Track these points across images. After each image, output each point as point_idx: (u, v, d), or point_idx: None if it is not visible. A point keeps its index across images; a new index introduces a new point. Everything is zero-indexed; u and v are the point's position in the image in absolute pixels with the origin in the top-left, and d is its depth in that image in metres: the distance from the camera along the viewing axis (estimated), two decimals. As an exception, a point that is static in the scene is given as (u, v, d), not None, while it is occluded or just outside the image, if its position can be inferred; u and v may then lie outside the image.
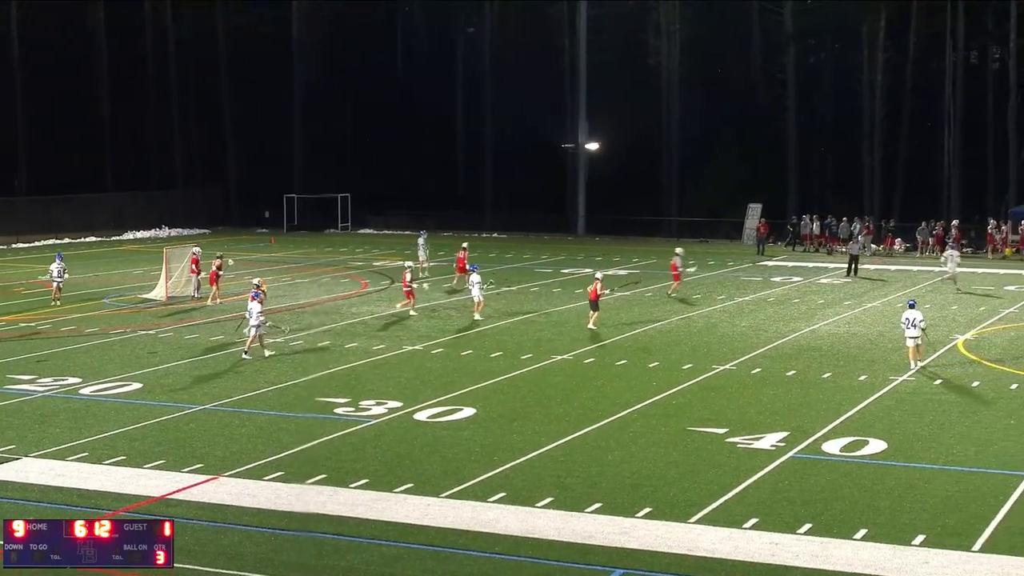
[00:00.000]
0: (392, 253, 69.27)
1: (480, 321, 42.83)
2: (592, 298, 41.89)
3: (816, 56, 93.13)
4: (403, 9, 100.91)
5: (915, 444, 25.99)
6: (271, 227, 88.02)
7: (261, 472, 23.89)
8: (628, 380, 33.07)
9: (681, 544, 19.77)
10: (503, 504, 21.86)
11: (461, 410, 29.35)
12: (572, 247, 74.77)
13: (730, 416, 28.60)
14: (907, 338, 34.72)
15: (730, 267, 61.97)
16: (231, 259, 46.09)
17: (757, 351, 37.34)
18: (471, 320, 43.08)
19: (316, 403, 30.18)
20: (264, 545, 19.89)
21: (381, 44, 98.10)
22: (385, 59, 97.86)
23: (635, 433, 27.09)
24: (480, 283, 44.06)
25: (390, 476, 23.57)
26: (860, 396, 30.78)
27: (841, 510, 21.41)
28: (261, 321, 36.50)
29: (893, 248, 70.83)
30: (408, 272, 45.27)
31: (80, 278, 55.77)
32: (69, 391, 31.77)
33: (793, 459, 24.81)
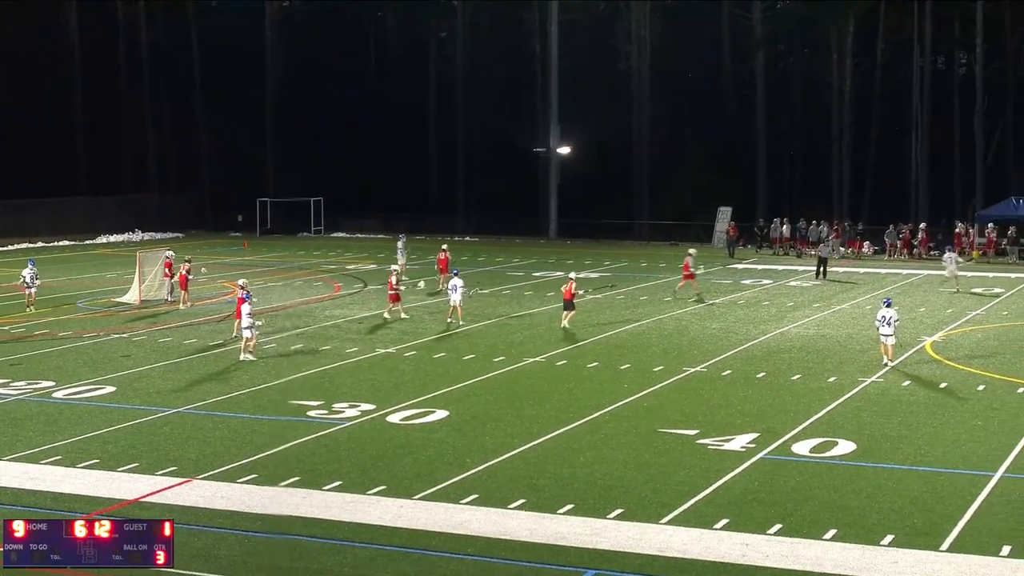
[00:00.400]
0: (365, 256, 69.17)
1: (453, 324, 42.73)
2: (567, 298, 42.10)
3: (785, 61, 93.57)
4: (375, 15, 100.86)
5: (884, 445, 26.07)
6: (244, 231, 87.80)
7: (235, 474, 23.81)
8: (600, 382, 33.09)
9: (652, 545, 19.79)
10: (476, 506, 21.85)
11: (434, 412, 29.33)
12: (544, 250, 74.80)
13: (701, 418, 28.65)
14: (881, 335, 35.27)
15: (700, 270, 62.04)
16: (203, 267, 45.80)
17: (728, 353, 37.42)
18: (445, 324, 43.00)
19: (289, 406, 30.11)
20: (238, 547, 19.83)
21: (353, 49, 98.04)
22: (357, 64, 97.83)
23: (607, 435, 27.11)
24: (463, 288, 43.80)
25: (363, 478, 23.53)
26: (829, 398, 30.87)
27: (811, 511, 21.47)
28: (252, 322, 36.57)
29: (861, 251, 71.09)
30: (393, 275, 45.20)
31: (53, 282, 55.52)
32: (42, 395, 31.62)
33: (763, 460, 24.87)
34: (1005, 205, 72.12)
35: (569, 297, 42.09)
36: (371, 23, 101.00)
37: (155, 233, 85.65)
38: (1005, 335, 41.27)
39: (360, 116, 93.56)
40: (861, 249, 71.26)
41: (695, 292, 50.19)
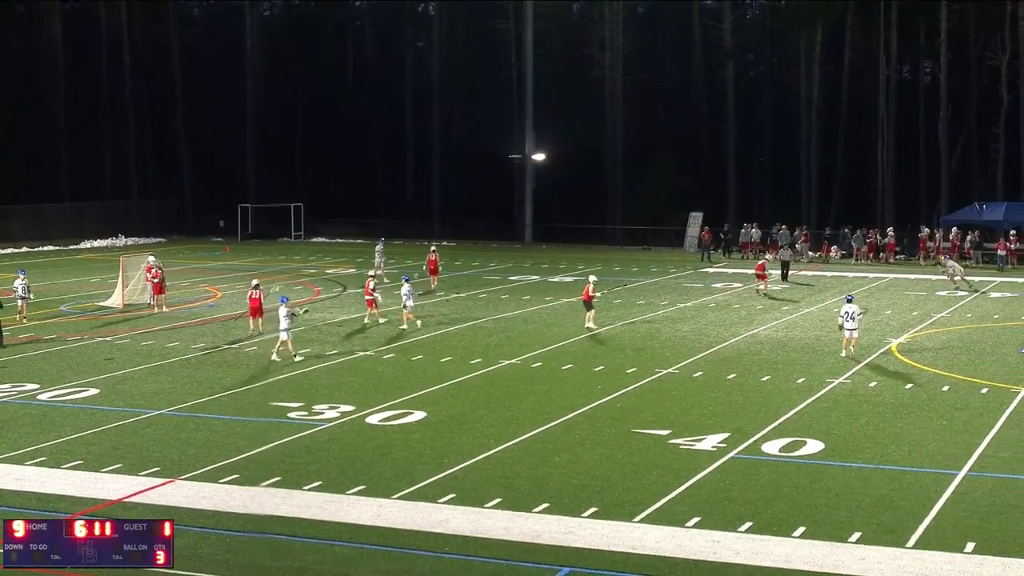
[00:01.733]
0: (344, 261, 69.10)
1: (408, 330, 42.44)
2: (585, 299, 42.59)
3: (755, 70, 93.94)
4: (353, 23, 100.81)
5: (851, 444, 26.18)
6: (225, 236, 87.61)
7: (217, 475, 23.78)
8: (574, 384, 33.14)
9: (626, 543, 19.84)
10: (453, 505, 21.86)
11: (412, 414, 29.32)
12: (520, 255, 74.83)
13: (673, 418, 28.71)
14: (846, 329, 36.51)
15: (672, 274, 62.22)
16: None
17: (699, 355, 37.52)
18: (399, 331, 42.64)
19: (270, 407, 30.07)
20: (220, 546, 19.80)
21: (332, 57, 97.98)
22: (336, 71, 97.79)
23: (581, 435, 27.16)
24: (410, 293, 43.58)
25: (343, 478, 23.52)
26: (798, 398, 30.98)
27: (780, 509, 21.55)
28: (289, 324, 36.59)
29: (829, 255, 71.32)
30: (371, 280, 45.08)
31: (38, 286, 55.20)
32: (27, 397, 31.51)
33: (734, 459, 24.94)
34: (969, 210, 72.51)
35: (587, 298, 42.48)
36: (349, 31, 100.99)
37: (138, 238, 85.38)
38: (969, 337, 41.47)
39: (338, 123, 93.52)
40: (829, 253, 71.49)
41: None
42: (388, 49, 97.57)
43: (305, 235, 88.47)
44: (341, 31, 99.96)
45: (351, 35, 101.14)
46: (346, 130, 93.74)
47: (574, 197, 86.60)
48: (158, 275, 48.36)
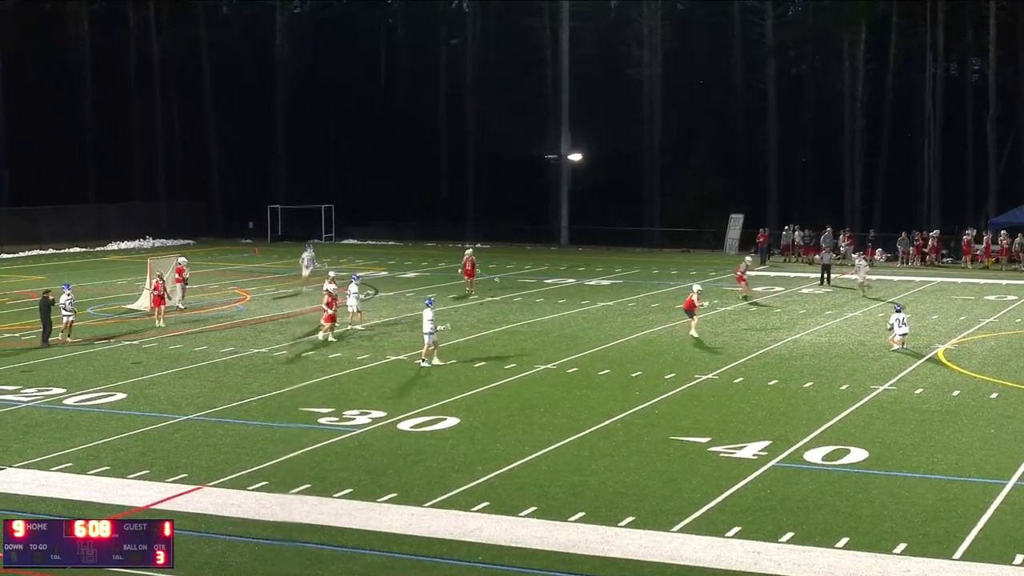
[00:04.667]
0: (376, 263, 69.20)
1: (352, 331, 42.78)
2: (687, 307, 42.12)
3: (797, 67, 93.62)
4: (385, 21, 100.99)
5: (896, 453, 26.03)
6: (255, 238, 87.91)
7: (245, 482, 23.82)
8: (611, 389, 33.07)
9: (664, 553, 19.76)
10: (486, 513, 21.83)
11: (445, 420, 29.31)
12: (555, 257, 74.79)
13: (712, 425, 28.61)
14: (896, 334, 38.63)
15: (712, 277, 62.02)
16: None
17: (739, 360, 37.38)
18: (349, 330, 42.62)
19: (300, 413, 30.12)
20: (248, 555, 19.83)
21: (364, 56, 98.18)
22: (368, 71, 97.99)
23: (618, 442, 27.09)
24: (357, 293, 43.90)
25: (374, 486, 23.53)
26: (842, 405, 30.83)
27: (823, 519, 21.43)
28: (433, 327, 36.13)
29: (873, 258, 70.98)
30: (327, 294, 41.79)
31: (64, 289, 55.55)
32: (53, 401, 31.66)
33: (775, 468, 24.83)
34: (1018, 212, 72.00)
35: (690, 307, 41.98)
36: (381, 30, 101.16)
37: (165, 240, 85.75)
38: (1018, 342, 41.19)
39: (370, 123, 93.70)
40: (873, 256, 71.15)
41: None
42: (421, 48, 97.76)
43: (336, 237, 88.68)
44: (373, 30, 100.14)
45: (383, 34, 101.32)
46: (378, 130, 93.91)
47: (610, 198, 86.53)
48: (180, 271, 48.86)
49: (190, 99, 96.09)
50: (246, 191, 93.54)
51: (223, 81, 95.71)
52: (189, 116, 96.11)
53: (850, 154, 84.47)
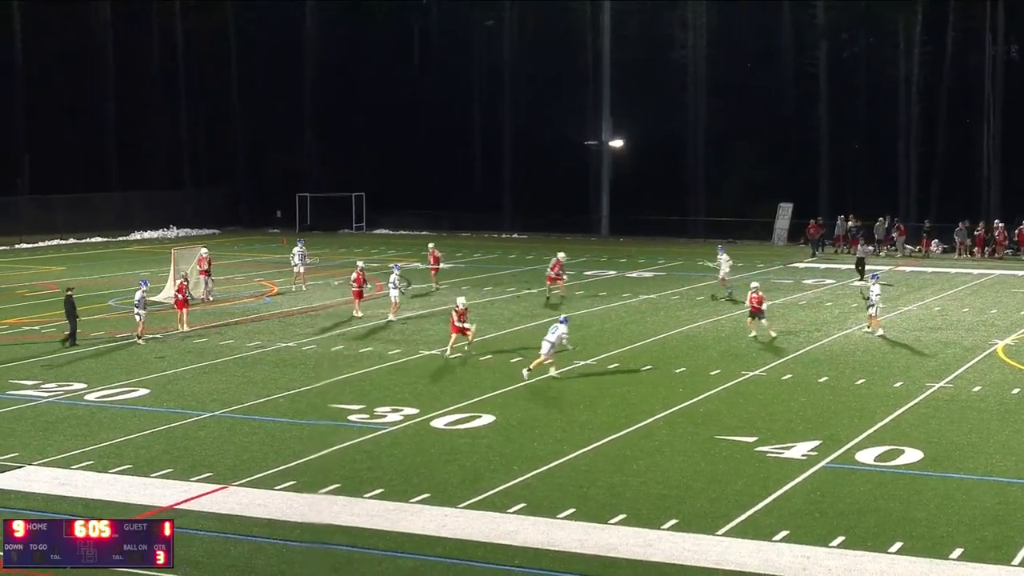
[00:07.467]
0: (409, 254, 69.28)
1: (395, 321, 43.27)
2: (755, 306, 40.54)
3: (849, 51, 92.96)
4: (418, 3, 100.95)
5: (953, 454, 25.91)
6: (283, 227, 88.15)
7: (272, 481, 23.91)
8: (654, 386, 33.04)
9: (708, 558, 19.74)
10: (523, 515, 21.85)
11: (480, 417, 29.35)
12: (595, 248, 74.71)
13: (760, 424, 28.55)
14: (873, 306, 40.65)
15: (759, 268, 61.82)
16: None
17: (788, 356, 37.28)
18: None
19: (329, 410, 30.21)
20: (275, 557, 19.91)
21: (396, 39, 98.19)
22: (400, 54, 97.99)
23: (660, 442, 27.07)
24: (397, 284, 44.48)
25: (406, 485, 23.57)
26: (895, 403, 30.70)
27: (875, 522, 21.36)
28: (561, 336, 34.37)
29: (930, 250, 70.62)
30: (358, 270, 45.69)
31: (85, 280, 55.94)
32: (74, 397, 31.86)
33: (825, 469, 24.76)
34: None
35: (758, 306, 40.45)
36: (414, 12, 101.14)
37: (190, 229, 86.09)
38: (1082, 338, 40.94)
39: (402, 109, 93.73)
40: (929, 248, 70.78)
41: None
42: (456, 32, 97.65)
43: (367, 227, 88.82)
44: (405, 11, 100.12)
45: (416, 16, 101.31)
46: (410, 116, 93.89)
47: (653, 186, 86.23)
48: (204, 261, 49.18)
49: (214, 84, 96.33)
50: (273, 179, 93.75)
51: (249, 66, 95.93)
52: (214, 102, 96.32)
53: (905, 141, 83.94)
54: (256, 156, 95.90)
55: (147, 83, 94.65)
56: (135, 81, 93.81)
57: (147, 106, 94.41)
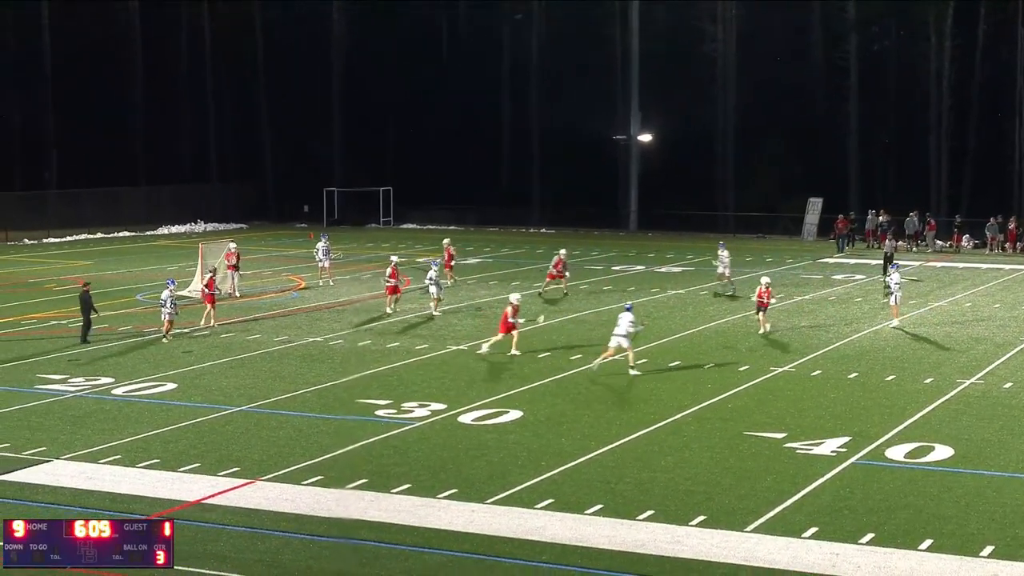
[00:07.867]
0: (436, 249, 69.29)
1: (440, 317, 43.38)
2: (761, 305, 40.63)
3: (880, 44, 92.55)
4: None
5: (984, 450, 25.82)
6: (310, 222, 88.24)
7: (300, 476, 23.98)
8: (682, 382, 33.01)
9: (737, 554, 19.72)
10: (551, 511, 21.86)
11: (507, 413, 29.37)
12: (623, 243, 74.67)
13: (788, 420, 28.50)
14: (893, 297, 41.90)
15: (789, 264, 61.71)
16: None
17: (817, 352, 37.20)
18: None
19: (357, 405, 30.26)
20: (303, 552, 19.96)
21: (423, 33, 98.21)
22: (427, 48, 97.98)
23: (689, 438, 27.05)
24: (435, 279, 44.58)
25: (433, 481, 23.61)
26: (926, 400, 30.61)
27: (905, 519, 21.31)
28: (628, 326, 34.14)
29: (960, 245, 70.35)
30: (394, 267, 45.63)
31: (112, 275, 56.15)
32: (102, 391, 31.99)
33: (855, 465, 24.70)
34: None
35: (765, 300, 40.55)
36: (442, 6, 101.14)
37: (217, 224, 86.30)
38: (1115, 335, 40.73)
39: (430, 103, 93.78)
40: (960, 243, 70.52)
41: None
42: (484, 26, 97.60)
43: (394, 221, 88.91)
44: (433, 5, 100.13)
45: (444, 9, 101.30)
46: (438, 110, 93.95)
47: (682, 181, 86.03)
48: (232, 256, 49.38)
49: (242, 77, 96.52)
50: (300, 173, 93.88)
51: (276, 59, 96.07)
52: (241, 96, 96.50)
53: (936, 135, 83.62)
54: (283, 151, 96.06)
55: (175, 78, 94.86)
56: (163, 76, 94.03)
57: (174, 101, 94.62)
